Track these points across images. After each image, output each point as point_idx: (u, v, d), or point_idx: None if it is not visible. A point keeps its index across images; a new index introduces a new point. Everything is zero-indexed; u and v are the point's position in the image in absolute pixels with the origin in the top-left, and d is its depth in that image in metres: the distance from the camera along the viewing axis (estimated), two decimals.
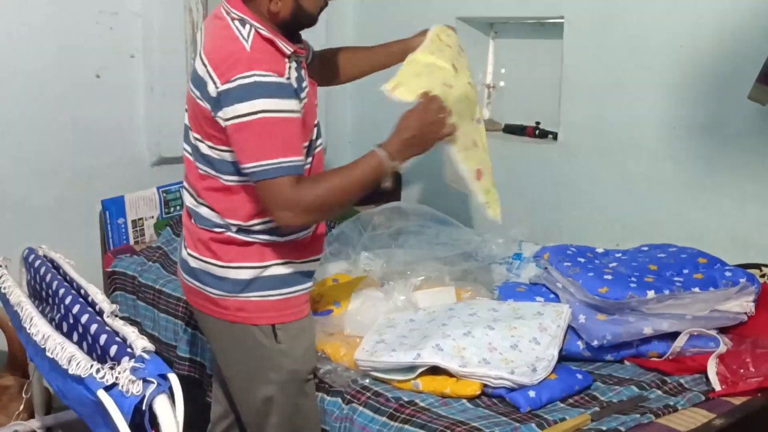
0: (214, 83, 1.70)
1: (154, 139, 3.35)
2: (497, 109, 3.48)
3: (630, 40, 2.71)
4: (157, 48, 3.28)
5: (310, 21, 1.84)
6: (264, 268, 1.86)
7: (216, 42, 1.76)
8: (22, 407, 2.24)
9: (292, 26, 1.81)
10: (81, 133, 3.20)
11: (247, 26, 1.75)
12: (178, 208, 3.25)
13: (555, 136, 3.07)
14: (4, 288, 1.74)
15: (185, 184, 1.96)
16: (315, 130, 1.90)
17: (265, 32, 1.75)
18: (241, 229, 1.84)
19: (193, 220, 1.92)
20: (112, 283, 2.96)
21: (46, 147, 3.11)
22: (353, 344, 2.10)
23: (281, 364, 1.89)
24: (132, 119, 3.34)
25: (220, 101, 1.69)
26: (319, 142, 1.94)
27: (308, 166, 1.87)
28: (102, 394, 1.20)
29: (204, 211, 1.88)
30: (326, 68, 2.19)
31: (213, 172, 1.83)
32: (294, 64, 1.80)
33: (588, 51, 2.85)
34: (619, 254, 2.41)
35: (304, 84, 1.83)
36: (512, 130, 3.31)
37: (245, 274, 1.85)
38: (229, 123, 1.69)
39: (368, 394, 1.94)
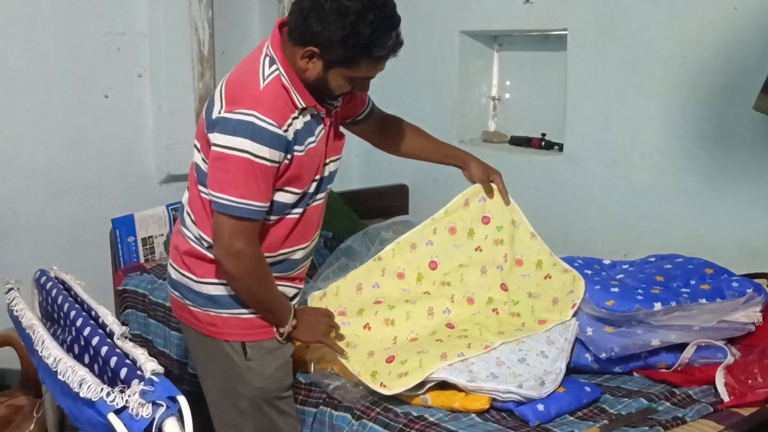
0: (221, 107, 1.75)
1: (163, 157, 3.38)
2: (503, 122, 3.50)
3: (633, 51, 2.72)
4: (164, 67, 3.32)
5: (330, 96, 1.86)
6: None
7: (240, 71, 1.82)
8: (33, 426, 2.26)
9: (313, 89, 1.82)
10: (90, 152, 3.24)
11: (273, 67, 1.77)
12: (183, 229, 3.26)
13: (561, 148, 3.08)
14: (17, 310, 1.75)
15: (188, 185, 2.01)
16: (315, 184, 1.91)
17: (285, 80, 1.77)
18: (210, 246, 1.85)
19: (179, 225, 1.97)
20: (123, 301, 2.98)
21: (55, 167, 3.15)
22: None
23: (250, 380, 1.91)
24: (140, 138, 3.38)
25: (216, 125, 1.74)
26: (319, 196, 1.95)
27: (297, 216, 1.89)
28: (112, 418, 1.21)
29: (187, 219, 1.93)
30: (383, 137, 2.29)
31: (200, 185, 1.87)
32: (306, 117, 1.82)
33: (592, 62, 2.86)
34: (626, 266, 2.41)
35: (311, 139, 1.84)
36: (518, 141, 3.33)
37: (214, 290, 1.88)
38: (214, 148, 1.73)
39: (377, 409, 1.94)
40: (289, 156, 1.77)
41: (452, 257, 2.26)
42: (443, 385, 1.96)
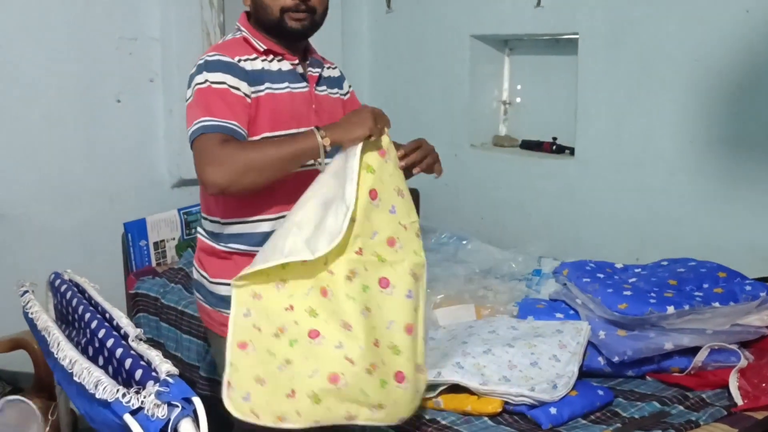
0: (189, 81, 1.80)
1: (174, 161, 3.39)
2: (514, 126, 3.50)
3: (644, 54, 2.72)
4: (175, 72, 3.33)
5: (267, 15, 1.81)
6: None
7: None
8: (48, 429, 2.28)
9: (266, 26, 1.83)
10: (102, 157, 3.26)
11: (238, 33, 1.85)
12: (197, 228, 3.28)
13: (572, 151, 3.08)
14: (32, 313, 1.77)
15: None
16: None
17: (244, 33, 1.84)
18: (220, 235, 1.85)
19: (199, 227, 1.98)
20: (136, 304, 2.99)
21: (68, 171, 3.17)
22: None
23: None
24: (152, 142, 3.40)
25: (188, 90, 1.78)
26: (310, 162, 1.81)
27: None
28: (128, 419, 1.22)
29: (203, 215, 1.93)
30: None
31: None
32: (273, 65, 1.83)
33: (603, 66, 2.86)
34: (639, 269, 2.40)
35: (278, 85, 1.82)
36: (529, 145, 3.33)
37: (225, 291, 1.84)
38: (187, 100, 1.77)
39: None
40: (251, 89, 1.76)
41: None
42: (455, 388, 1.96)
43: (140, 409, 1.23)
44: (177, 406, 1.22)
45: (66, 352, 1.48)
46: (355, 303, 1.65)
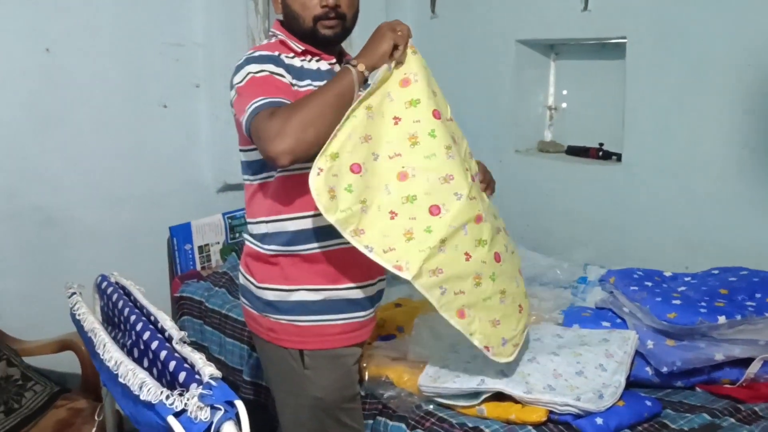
0: (231, 85, 1.81)
1: (219, 166, 3.42)
2: (559, 131, 3.46)
3: (694, 58, 2.66)
4: (220, 77, 3.35)
5: (299, 24, 1.83)
6: (289, 292, 1.84)
7: None
8: (94, 430, 2.30)
9: (299, 33, 1.84)
10: (148, 161, 3.30)
11: (273, 38, 1.87)
12: (243, 233, 3.30)
13: (619, 157, 3.03)
14: (79, 314, 1.79)
15: None
16: None
17: (281, 36, 1.85)
18: (265, 236, 1.84)
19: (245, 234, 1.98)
20: (180, 308, 3.02)
21: (114, 175, 3.22)
22: (416, 369, 2.09)
23: (307, 389, 1.86)
24: (197, 147, 3.44)
25: (231, 88, 1.80)
26: None
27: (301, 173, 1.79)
28: (172, 420, 1.22)
29: (247, 220, 1.93)
30: None
31: (247, 177, 1.89)
32: (311, 64, 1.84)
33: (652, 70, 2.81)
34: (689, 278, 2.35)
35: (316, 83, 1.81)
36: (575, 151, 3.28)
37: (272, 296, 1.85)
38: (232, 100, 1.78)
39: (432, 419, 1.93)
40: (294, 82, 1.78)
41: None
42: (499, 397, 1.93)
43: (183, 411, 1.23)
44: (220, 409, 1.22)
45: (112, 354, 1.49)
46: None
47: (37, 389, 2.60)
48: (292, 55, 1.83)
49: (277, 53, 1.80)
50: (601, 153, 3.16)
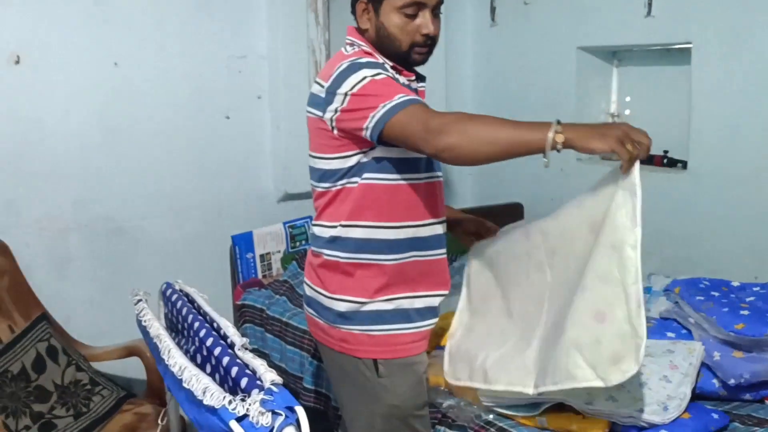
0: (321, 86, 1.80)
1: (280, 176, 3.47)
2: None
3: (763, 62, 2.60)
4: (282, 88, 3.41)
5: (399, 49, 1.83)
6: (362, 303, 1.85)
7: (326, 63, 1.92)
8: None
9: (386, 50, 1.85)
10: (211, 171, 3.37)
11: (354, 47, 1.86)
12: (303, 242, 3.34)
13: (684, 165, 2.97)
14: (145, 321, 1.83)
15: None
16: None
17: (368, 49, 1.85)
18: (343, 242, 1.84)
19: (310, 245, 1.97)
20: (242, 315, 3.06)
21: (179, 185, 3.30)
22: None
23: (383, 398, 1.86)
24: (259, 157, 3.49)
25: (328, 96, 1.77)
26: (434, 173, 1.90)
27: (422, 182, 1.85)
28: (234, 425, 1.24)
29: (316, 229, 1.92)
30: None
31: (324, 185, 1.87)
32: (403, 80, 1.84)
33: (718, 76, 2.75)
34: (757, 288, 2.28)
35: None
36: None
37: (344, 307, 1.85)
38: (342, 107, 1.74)
39: (492, 430, 1.91)
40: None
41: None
42: (560, 407, 1.91)
43: (245, 416, 1.25)
44: (281, 415, 1.23)
45: (176, 360, 1.52)
46: None
47: (104, 394, 2.66)
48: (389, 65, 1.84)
49: (382, 61, 1.81)
50: (666, 160, 3.09)
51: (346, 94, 1.73)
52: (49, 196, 3.01)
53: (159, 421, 2.26)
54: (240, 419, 1.25)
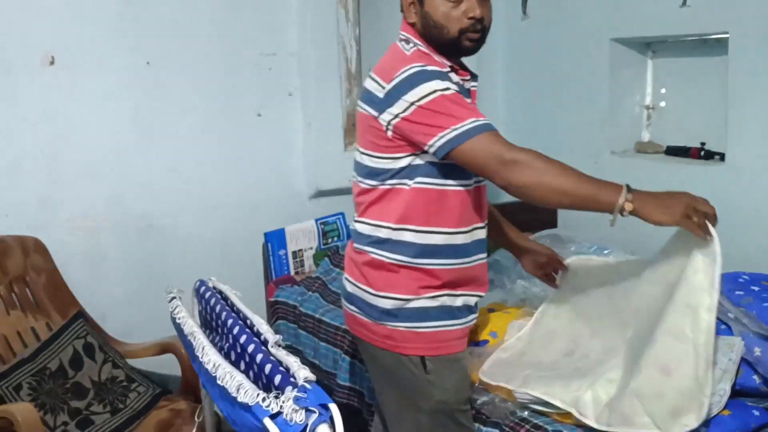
0: (381, 86, 1.78)
1: (312, 172, 3.47)
2: (658, 131, 3.35)
3: None
4: (313, 85, 3.41)
5: (449, 39, 1.81)
6: (407, 300, 1.85)
7: (383, 59, 1.88)
8: (194, 430, 2.36)
9: (435, 42, 1.83)
10: (243, 169, 3.38)
11: (411, 44, 1.84)
12: (335, 239, 3.34)
13: (722, 157, 2.91)
14: (179, 318, 1.84)
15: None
16: None
17: (424, 49, 1.83)
18: (391, 244, 1.84)
19: (352, 242, 1.97)
20: (275, 312, 3.07)
21: (212, 183, 3.32)
22: None
23: (430, 394, 1.87)
24: (290, 155, 3.50)
25: (389, 98, 1.75)
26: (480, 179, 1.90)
27: (470, 188, 1.86)
28: (268, 422, 1.24)
29: (360, 226, 1.92)
30: None
31: (371, 182, 1.87)
32: (456, 80, 1.82)
33: (757, 65, 2.69)
34: None
35: (468, 100, 1.83)
36: (675, 152, 3.17)
37: (390, 304, 1.85)
38: (404, 114, 1.73)
39: (527, 426, 1.89)
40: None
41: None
42: None
43: (279, 413, 1.25)
44: (314, 412, 1.23)
45: (210, 357, 1.52)
46: None
47: (140, 390, 2.69)
48: (447, 69, 1.82)
49: (447, 70, 1.79)
50: (702, 153, 3.04)
51: (412, 104, 1.72)
52: (83, 195, 3.05)
53: (195, 418, 2.28)
54: (274, 416, 1.25)
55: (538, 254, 2.19)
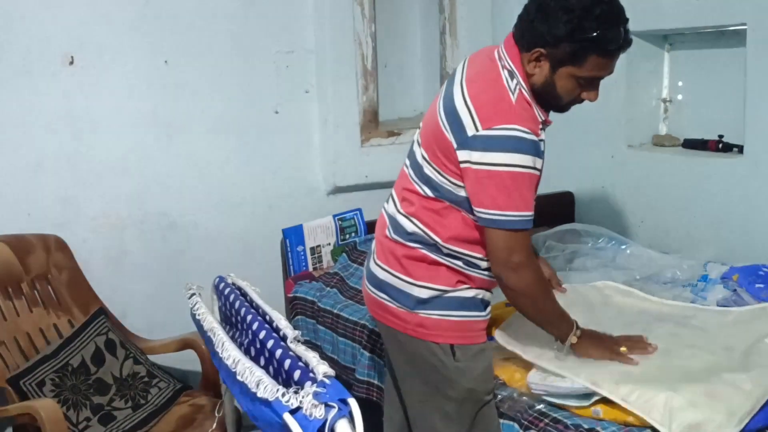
0: (474, 125, 1.75)
1: (329, 169, 3.49)
2: (675, 124, 3.33)
3: None
4: (330, 82, 3.42)
5: (556, 104, 1.85)
6: (445, 291, 1.91)
7: (483, 84, 1.82)
8: (215, 425, 2.39)
9: (541, 99, 1.83)
10: (261, 166, 3.40)
11: (515, 81, 1.80)
12: (353, 234, 3.35)
13: (740, 149, 2.89)
14: (199, 314, 1.86)
15: (393, 191, 2.03)
16: None
17: (527, 94, 1.81)
18: (436, 247, 1.89)
19: (387, 230, 1.98)
20: (294, 308, 3.09)
21: (230, 180, 3.34)
22: (528, 369, 2.06)
23: (459, 381, 1.91)
24: (308, 151, 3.51)
25: (474, 143, 1.74)
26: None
27: None
28: (288, 417, 1.26)
29: (405, 222, 1.93)
30: None
31: (428, 191, 1.89)
32: (543, 136, 1.84)
33: None
34: None
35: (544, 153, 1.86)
36: (692, 144, 3.15)
37: (426, 294, 1.90)
38: (476, 167, 1.74)
39: (546, 420, 1.89)
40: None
41: None
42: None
43: (299, 408, 1.26)
44: (333, 407, 1.24)
45: (230, 352, 1.54)
46: None
47: (161, 386, 2.72)
48: (541, 126, 1.82)
49: (540, 140, 1.78)
50: (720, 145, 3.02)
51: (488, 164, 1.73)
52: (104, 193, 3.08)
53: (215, 413, 2.30)
54: (293, 411, 1.26)
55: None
